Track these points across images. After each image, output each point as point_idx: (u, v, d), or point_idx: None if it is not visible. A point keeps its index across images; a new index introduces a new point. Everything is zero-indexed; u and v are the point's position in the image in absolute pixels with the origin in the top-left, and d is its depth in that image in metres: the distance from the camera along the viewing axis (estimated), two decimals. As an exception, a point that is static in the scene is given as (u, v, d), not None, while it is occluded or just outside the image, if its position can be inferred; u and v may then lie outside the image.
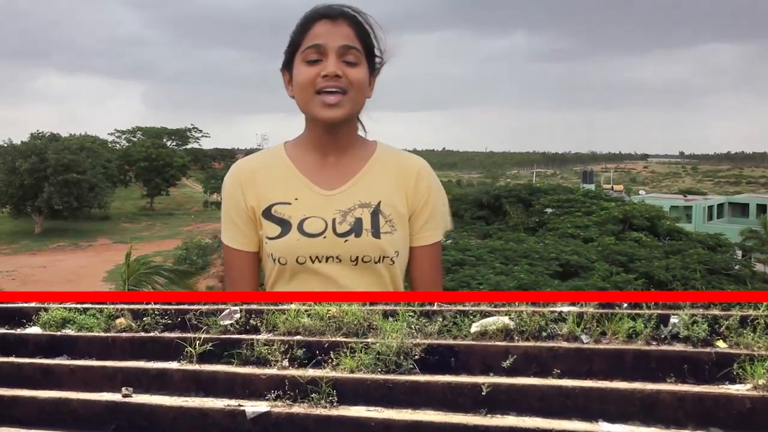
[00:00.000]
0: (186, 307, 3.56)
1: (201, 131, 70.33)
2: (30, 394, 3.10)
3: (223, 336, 3.30)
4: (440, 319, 3.08)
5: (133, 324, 3.53)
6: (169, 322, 3.52)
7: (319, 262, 1.70)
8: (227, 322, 3.40)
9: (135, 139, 64.80)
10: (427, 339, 2.99)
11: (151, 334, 3.46)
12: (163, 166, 55.25)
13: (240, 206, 1.76)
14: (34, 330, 3.61)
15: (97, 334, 3.50)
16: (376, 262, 1.70)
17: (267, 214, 1.73)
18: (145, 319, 3.54)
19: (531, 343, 2.79)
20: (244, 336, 3.26)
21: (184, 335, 3.34)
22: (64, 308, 3.69)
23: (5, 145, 48.54)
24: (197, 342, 3.21)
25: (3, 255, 38.02)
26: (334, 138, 1.73)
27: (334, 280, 1.71)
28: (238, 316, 3.42)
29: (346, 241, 1.69)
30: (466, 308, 3.17)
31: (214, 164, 67.62)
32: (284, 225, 1.71)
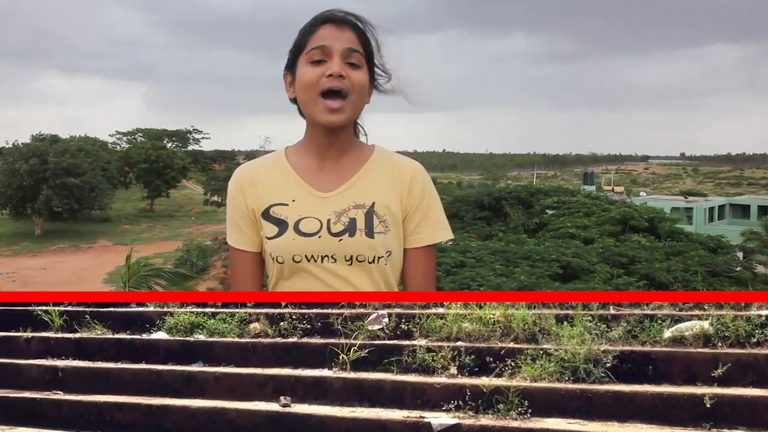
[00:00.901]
0: (322, 310, 3.35)
1: (201, 132, 69.85)
2: (180, 403, 2.90)
3: (377, 342, 3.09)
4: (623, 324, 2.88)
5: (269, 329, 3.32)
6: (308, 326, 3.30)
7: (315, 261, 1.74)
8: (376, 327, 3.19)
9: (135, 141, 64.23)
10: (615, 345, 2.79)
11: (291, 339, 3.25)
12: (164, 168, 54.68)
13: (242, 208, 1.82)
14: (161, 335, 3.40)
15: (232, 339, 3.29)
16: (370, 262, 1.74)
17: (266, 215, 1.79)
18: (281, 323, 3.32)
19: (745, 350, 2.59)
20: (402, 342, 3.06)
21: (329, 340, 3.13)
22: (192, 312, 3.47)
23: (9, 146, 47.93)
24: (352, 348, 3.00)
25: (3, 256, 37.56)
26: (333, 141, 1.77)
27: (331, 279, 1.75)
28: (386, 320, 3.21)
29: (340, 240, 1.73)
30: (646, 311, 2.97)
31: (215, 166, 67.03)
32: (281, 225, 1.76)
